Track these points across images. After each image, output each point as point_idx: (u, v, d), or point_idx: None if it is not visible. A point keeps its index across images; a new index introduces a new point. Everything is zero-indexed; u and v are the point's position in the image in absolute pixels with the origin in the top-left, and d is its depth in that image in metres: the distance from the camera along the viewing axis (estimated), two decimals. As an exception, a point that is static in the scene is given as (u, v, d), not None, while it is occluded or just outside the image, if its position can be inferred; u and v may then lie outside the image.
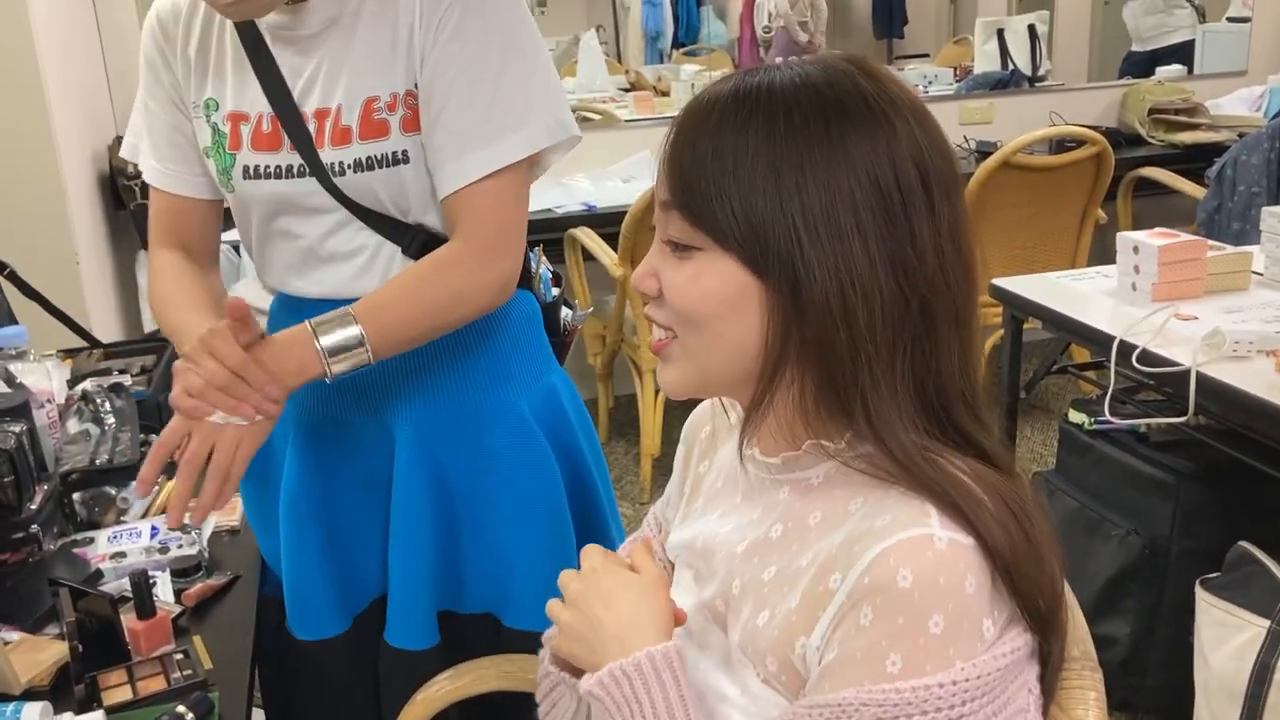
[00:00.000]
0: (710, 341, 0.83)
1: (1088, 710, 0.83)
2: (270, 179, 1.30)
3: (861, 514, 0.79)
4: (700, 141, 0.81)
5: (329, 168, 1.27)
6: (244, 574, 1.38)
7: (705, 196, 0.80)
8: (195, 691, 1.13)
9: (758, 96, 0.81)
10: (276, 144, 1.29)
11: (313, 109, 1.28)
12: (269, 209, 1.33)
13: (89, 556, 1.36)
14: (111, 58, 3.33)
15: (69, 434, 1.58)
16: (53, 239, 2.67)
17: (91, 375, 1.78)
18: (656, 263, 0.85)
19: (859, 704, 0.73)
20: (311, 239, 1.33)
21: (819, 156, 0.78)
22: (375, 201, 1.29)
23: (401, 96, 1.26)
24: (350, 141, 1.26)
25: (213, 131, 1.33)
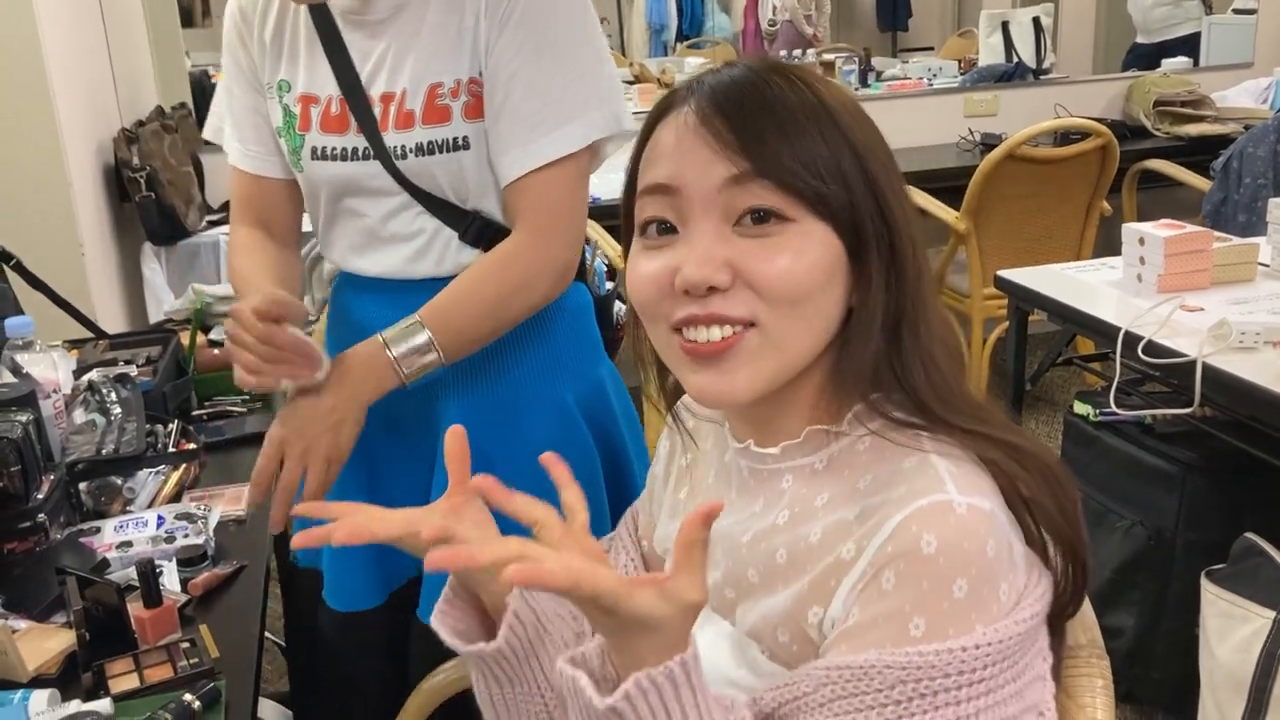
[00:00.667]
0: (806, 320, 0.80)
1: (1095, 698, 0.83)
2: (336, 161, 1.34)
3: (872, 489, 0.79)
4: (764, 114, 0.79)
5: (391, 151, 1.31)
6: (250, 563, 1.38)
7: (799, 161, 0.78)
8: (202, 680, 1.13)
9: (783, 76, 0.82)
10: (344, 126, 1.33)
11: (379, 93, 1.32)
12: (335, 189, 1.37)
13: (95, 546, 1.36)
14: (116, 50, 3.33)
15: (75, 424, 1.58)
16: (58, 231, 2.68)
17: (97, 365, 1.78)
18: (722, 249, 0.79)
19: (882, 666, 0.73)
20: (374, 219, 1.37)
21: (859, 123, 0.82)
22: (434, 186, 1.33)
23: (465, 83, 1.30)
24: (413, 126, 1.30)
25: (284, 113, 1.37)
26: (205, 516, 1.43)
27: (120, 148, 3.04)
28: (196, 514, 1.43)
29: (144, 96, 3.71)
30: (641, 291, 0.83)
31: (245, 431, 1.78)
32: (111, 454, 1.50)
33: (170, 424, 1.66)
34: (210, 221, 3.41)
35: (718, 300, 0.79)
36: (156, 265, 3.18)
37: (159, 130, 3.19)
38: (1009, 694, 0.74)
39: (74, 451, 1.51)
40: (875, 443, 0.81)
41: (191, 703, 1.08)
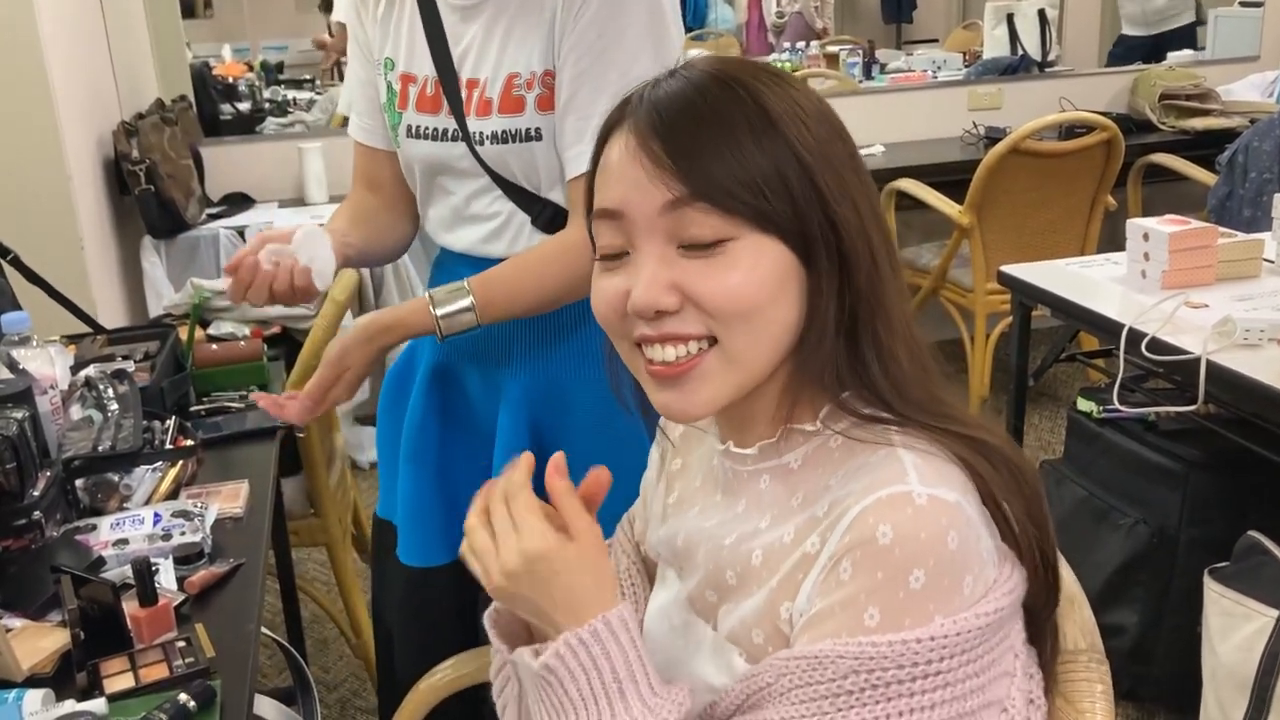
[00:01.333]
0: (761, 333, 0.80)
1: (1094, 703, 0.82)
2: (428, 140, 1.42)
3: (840, 483, 0.79)
4: (703, 130, 0.78)
5: (473, 136, 1.38)
6: (247, 561, 1.37)
7: (736, 181, 0.77)
8: (197, 679, 1.12)
9: (724, 84, 0.81)
10: (437, 107, 1.40)
11: (466, 77, 1.39)
12: (427, 167, 1.46)
13: (91, 543, 1.35)
14: (116, 41, 3.32)
15: (72, 420, 1.57)
16: (57, 225, 2.67)
17: (95, 361, 1.77)
18: (667, 272, 0.79)
19: (835, 656, 0.73)
20: (459, 198, 1.45)
21: (805, 125, 0.80)
22: (509, 173, 1.39)
23: (539, 76, 1.35)
24: (490, 114, 1.37)
25: (387, 89, 1.46)
26: (202, 514, 1.43)
27: (120, 141, 3.03)
28: (193, 511, 1.42)
29: (144, 89, 3.70)
30: (601, 311, 0.85)
31: (245, 428, 1.77)
32: (108, 451, 1.49)
33: (168, 420, 1.65)
34: (210, 215, 3.40)
35: (669, 321, 0.80)
36: (156, 259, 3.17)
37: (158, 123, 3.18)
38: (969, 688, 0.74)
39: (70, 448, 1.50)
40: (847, 440, 0.81)
41: (186, 702, 1.07)
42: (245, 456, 1.69)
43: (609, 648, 0.79)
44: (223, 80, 4.86)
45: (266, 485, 1.58)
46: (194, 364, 1.92)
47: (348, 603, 2.34)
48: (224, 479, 1.60)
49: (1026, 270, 2.41)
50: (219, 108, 4.60)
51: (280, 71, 6.19)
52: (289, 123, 4.65)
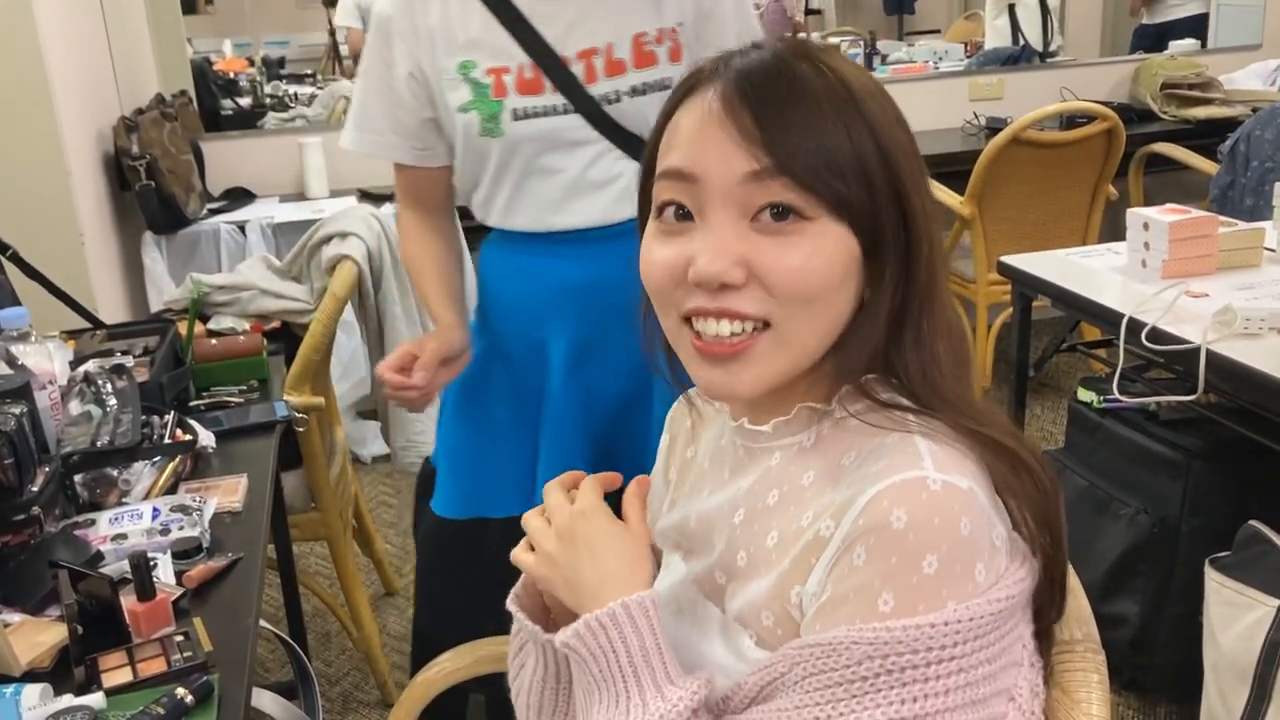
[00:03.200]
0: (818, 319, 0.79)
1: (1090, 693, 0.82)
2: (539, 117, 1.50)
3: (854, 465, 0.79)
4: (789, 107, 0.77)
5: (603, 98, 1.49)
6: (245, 555, 1.37)
7: (822, 161, 0.76)
8: (195, 673, 1.12)
9: (809, 62, 0.80)
10: (539, 87, 1.49)
11: (576, 50, 1.49)
12: (536, 146, 1.52)
13: (90, 538, 1.36)
14: (116, 37, 3.32)
15: (71, 415, 1.57)
16: (57, 220, 2.66)
17: (94, 356, 1.77)
18: (738, 245, 0.78)
19: (849, 642, 0.73)
20: (574, 171, 1.53)
21: (885, 115, 0.80)
22: (642, 125, 1.49)
23: (667, 31, 1.51)
24: (625, 71, 1.49)
25: (473, 87, 1.50)
26: (201, 508, 1.43)
27: (119, 136, 3.03)
28: (192, 506, 1.43)
29: (144, 84, 3.70)
30: (654, 277, 0.83)
31: (245, 422, 1.77)
32: (107, 446, 1.49)
33: (166, 415, 1.65)
34: (211, 210, 3.40)
35: (730, 296, 0.78)
36: (157, 254, 3.17)
37: (158, 118, 3.18)
38: (981, 675, 0.74)
39: (69, 443, 1.50)
40: (863, 419, 0.81)
41: (184, 696, 1.08)
42: (245, 451, 1.69)
43: (625, 631, 0.80)
44: (223, 75, 4.86)
45: (265, 479, 1.58)
46: (193, 359, 1.92)
47: (349, 596, 2.35)
48: (223, 473, 1.60)
49: (1027, 260, 2.41)
50: (220, 103, 4.59)
51: (282, 66, 6.18)
52: (290, 118, 4.65)
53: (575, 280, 1.58)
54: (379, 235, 2.27)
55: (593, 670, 0.81)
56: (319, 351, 2.13)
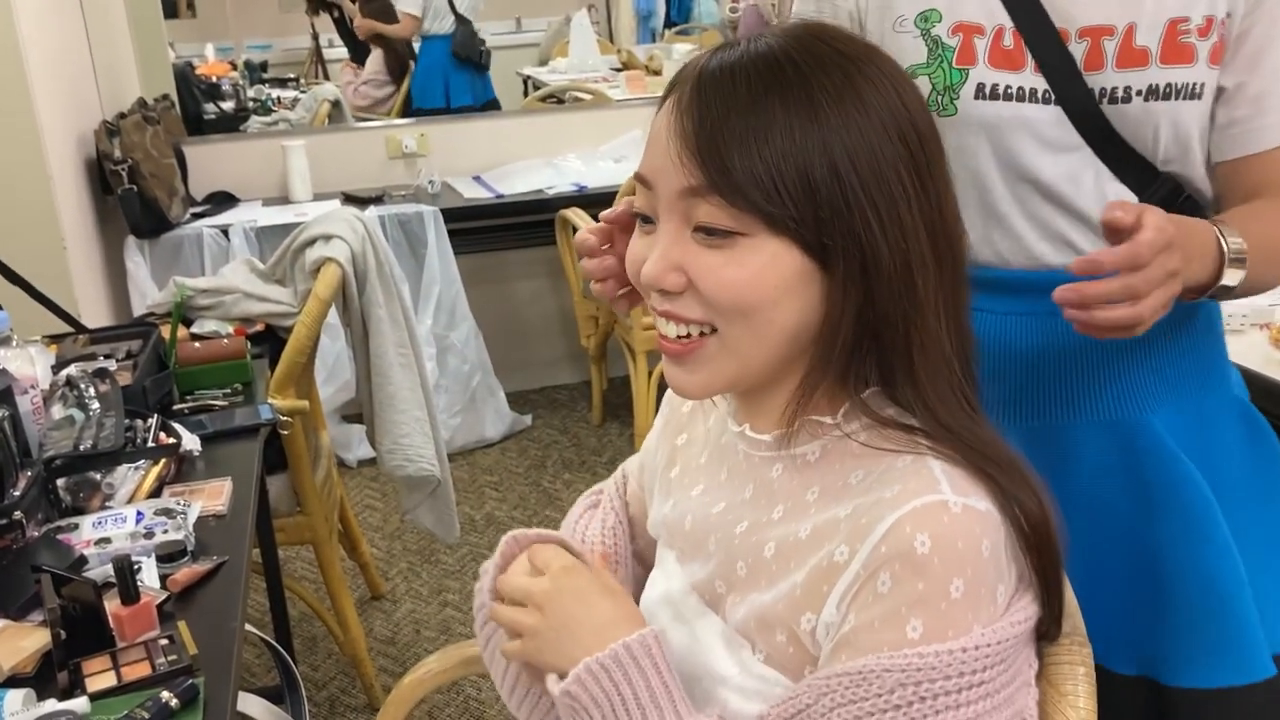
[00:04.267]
0: (760, 331, 0.78)
1: (1077, 685, 0.82)
2: (1009, 100, 1.13)
3: (864, 486, 0.78)
4: (734, 117, 0.75)
5: (1105, 93, 1.10)
6: (231, 558, 1.36)
7: (752, 177, 0.75)
8: (180, 677, 1.12)
9: (778, 64, 0.77)
10: (1018, 63, 1.12)
11: (1081, 25, 1.10)
12: (1000, 136, 1.15)
13: (73, 543, 1.35)
14: (97, 41, 3.30)
15: (53, 420, 1.56)
16: (39, 225, 2.65)
17: (76, 360, 1.76)
18: (677, 254, 0.79)
19: (881, 670, 0.72)
20: (1048, 179, 1.14)
21: (857, 121, 0.76)
22: (1142, 139, 1.11)
23: (1217, 22, 1.09)
24: (1147, 64, 1.09)
25: (932, 47, 1.16)
26: (185, 512, 1.42)
27: (101, 140, 3.01)
28: (176, 509, 1.42)
29: (126, 88, 3.69)
30: (629, 271, 0.85)
31: (233, 425, 1.76)
32: (90, 450, 1.48)
33: (150, 419, 1.64)
34: (194, 214, 3.38)
35: (672, 300, 0.80)
36: (140, 258, 3.15)
37: (140, 122, 3.16)
38: (1004, 698, 0.74)
39: (52, 448, 1.49)
40: (870, 437, 0.80)
41: (169, 700, 1.07)
42: (229, 454, 1.68)
43: (630, 673, 0.79)
44: (206, 80, 4.85)
45: (250, 482, 1.57)
46: (177, 362, 1.91)
47: (335, 600, 2.34)
48: (208, 477, 1.59)
49: None
50: (203, 107, 4.58)
51: (264, 70, 6.17)
52: (273, 121, 4.64)
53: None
54: (363, 238, 2.27)
55: (596, 716, 0.80)
56: (303, 354, 2.12)
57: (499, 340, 3.75)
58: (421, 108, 5.97)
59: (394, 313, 2.32)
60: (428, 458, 2.37)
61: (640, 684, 0.79)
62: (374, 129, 4.05)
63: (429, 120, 4.41)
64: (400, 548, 3.05)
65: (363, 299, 2.29)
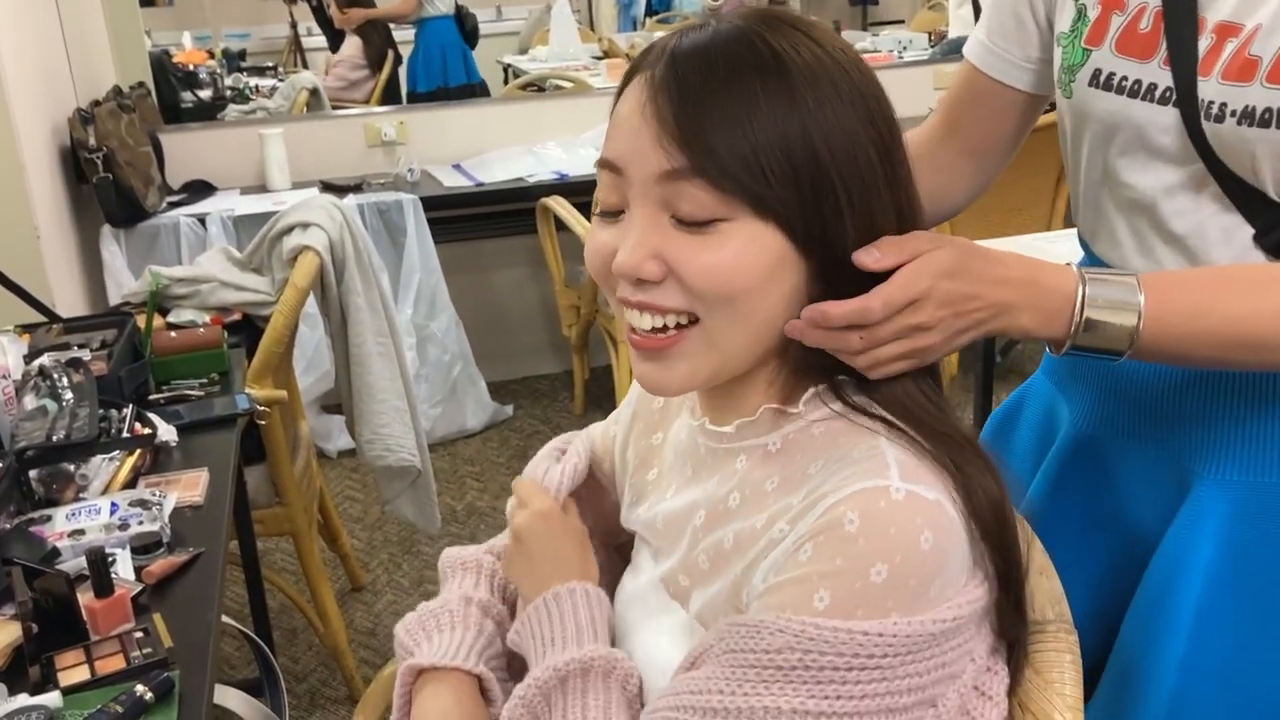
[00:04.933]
0: (743, 320, 0.77)
1: (1063, 672, 0.82)
2: (1120, 94, 0.99)
3: (821, 476, 0.77)
4: (715, 99, 0.74)
5: (1204, 105, 0.93)
6: (207, 549, 1.35)
7: (739, 160, 0.73)
8: (155, 670, 1.10)
9: (752, 44, 0.76)
10: (1149, 51, 0.97)
11: (1218, 19, 0.93)
12: (1103, 133, 1.02)
13: (46, 535, 1.32)
14: (71, 30, 3.26)
15: (25, 410, 1.54)
16: (11, 213, 2.61)
17: (49, 350, 1.74)
18: (655, 241, 0.76)
19: (775, 628, 0.71)
20: (1142, 193, 1.00)
21: (832, 103, 0.75)
22: (1249, 170, 0.93)
23: None
24: (1251, 80, 0.90)
25: (1077, 15, 1.03)
26: (160, 503, 1.40)
27: (75, 128, 2.98)
28: (151, 500, 1.40)
29: (101, 76, 3.64)
30: (592, 264, 0.82)
31: (210, 415, 1.74)
32: (63, 440, 1.46)
33: (125, 409, 1.62)
34: (171, 203, 3.35)
35: (649, 290, 0.77)
36: (116, 247, 3.12)
37: (115, 110, 3.13)
38: (906, 686, 0.71)
39: (24, 438, 1.47)
40: (830, 427, 0.79)
41: (144, 694, 1.05)
42: (206, 444, 1.66)
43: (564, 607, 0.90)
44: (183, 68, 4.80)
45: (226, 473, 1.55)
46: (153, 352, 1.88)
47: (315, 592, 2.32)
48: (184, 468, 1.57)
49: (991, 247, 2.40)
50: (180, 95, 4.54)
51: (242, 59, 6.13)
52: (250, 110, 4.60)
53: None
54: (341, 225, 2.24)
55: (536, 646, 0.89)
56: (281, 344, 2.10)
57: (480, 330, 3.73)
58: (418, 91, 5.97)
59: (373, 301, 2.30)
60: (408, 448, 2.35)
61: (557, 621, 0.88)
62: (353, 117, 4.02)
63: (408, 108, 4.38)
64: (381, 539, 3.04)
65: (341, 287, 2.26)
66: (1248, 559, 0.97)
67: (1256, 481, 0.97)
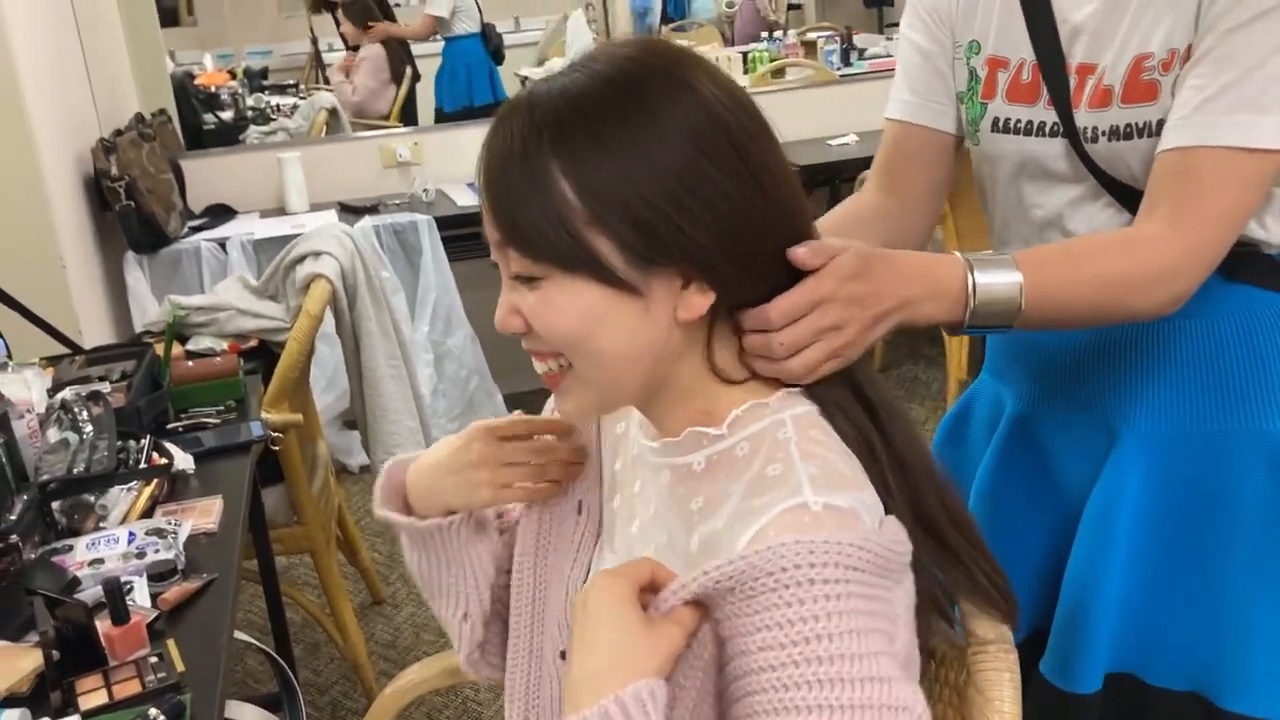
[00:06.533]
0: (595, 360, 0.82)
1: (1003, 690, 0.87)
2: (1018, 135, 1.18)
3: (740, 496, 0.80)
4: (511, 170, 0.79)
5: (1081, 133, 1.13)
6: (219, 575, 1.42)
7: (535, 228, 0.79)
8: (168, 694, 1.17)
9: (551, 108, 0.80)
10: (1033, 96, 1.16)
11: (1076, 62, 1.13)
12: (1012, 170, 1.21)
13: (67, 564, 1.40)
14: (93, 57, 3.35)
15: (49, 443, 1.62)
16: (37, 245, 2.70)
17: (72, 383, 1.81)
18: (513, 298, 0.83)
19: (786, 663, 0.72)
20: (1048, 210, 1.19)
21: (646, 141, 0.78)
22: (1128, 175, 1.12)
23: (1180, 54, 1.06)
24: (1109, 105, 1.11)
25: (969, 77, 1.22)
26: (176, 531, 1.47)
27: (98, 158, 3.07)
28: (167, 529, 1.47)
29: (123, 103, 3.74)
30: None
31: (225, 442, 1.81)
32: (83, 473, 1.54)
33: (143, 439, 1.69)
34: (192, 228, 3.44)
35: (528, 340, 0.85)
36: (140, 273, 3.21)
37: (136, 139, 3.22)
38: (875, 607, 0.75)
39: (47, 471, 1.54)
40: (752, 447, 0.82)
41: (156, 717, 1.12)
42: (222, 471, 1.73)
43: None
44: (204, 90, 4.90)
45: (240, 499, 1.62)
46: (171, 381, 1.96)
47: (334, 607, 2.39)
48: (201, 494, 1.64)
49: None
50: (201, 118, 4.63)
51: (264, 77, 6.22)
52: (271, 130, 4.69)
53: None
54: (352, 253, 2.32)
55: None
56: (296, 369, 2.17)
57: (496, 344, 3.80)
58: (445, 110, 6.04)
59: (384, 325, 2.38)
60: (421, 466, 2.42)
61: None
62: (368, 139, 4.10)
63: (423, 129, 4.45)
64: (400, 552, 3.10)
65: (353, 313, 2.34)
66: (1167, 500, 1.14)
67: (1171, 432, 1.14)
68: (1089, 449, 1.19)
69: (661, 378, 0.85)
